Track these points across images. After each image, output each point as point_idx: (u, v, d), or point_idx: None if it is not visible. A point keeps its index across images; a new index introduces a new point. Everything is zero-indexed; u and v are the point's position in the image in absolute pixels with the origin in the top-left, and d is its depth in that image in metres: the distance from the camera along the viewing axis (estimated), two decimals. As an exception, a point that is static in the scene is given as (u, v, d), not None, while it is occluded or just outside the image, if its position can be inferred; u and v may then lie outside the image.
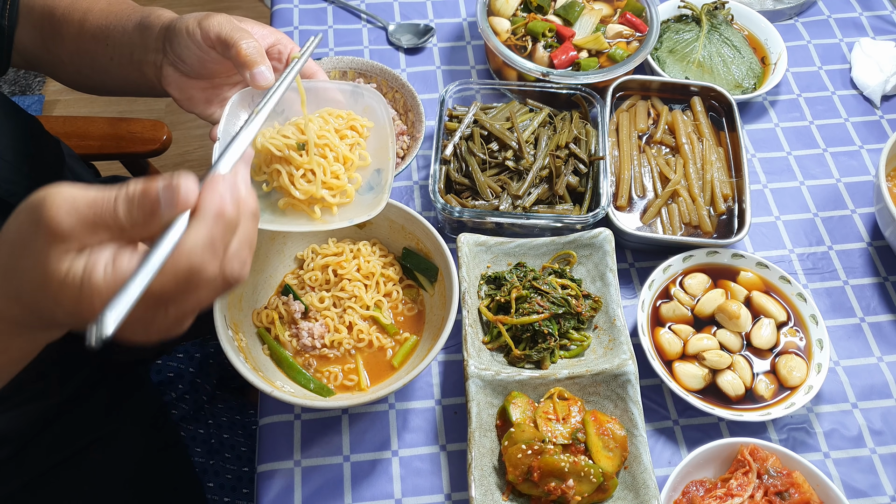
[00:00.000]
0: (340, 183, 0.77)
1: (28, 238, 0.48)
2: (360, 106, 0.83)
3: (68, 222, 0.46)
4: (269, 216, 0.78)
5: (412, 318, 0.91)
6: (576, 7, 1.15)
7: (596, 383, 0.84)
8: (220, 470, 1.08)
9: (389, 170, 0.79)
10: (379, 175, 0.80)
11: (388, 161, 0.80)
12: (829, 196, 1.09)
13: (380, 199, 0.77)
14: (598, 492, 0.77)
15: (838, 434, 0.88)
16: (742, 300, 0.93)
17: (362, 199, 0.79)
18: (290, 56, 0.81)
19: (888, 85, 1.17)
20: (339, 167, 0.77)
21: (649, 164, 1.04)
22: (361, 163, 0.80)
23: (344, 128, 0.79)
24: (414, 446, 0.86)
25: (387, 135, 0.81)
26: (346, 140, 0.79)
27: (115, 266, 0.47)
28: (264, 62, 0.74)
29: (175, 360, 1.16)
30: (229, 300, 0.84)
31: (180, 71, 0.80)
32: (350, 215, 0.78)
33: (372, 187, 0.80)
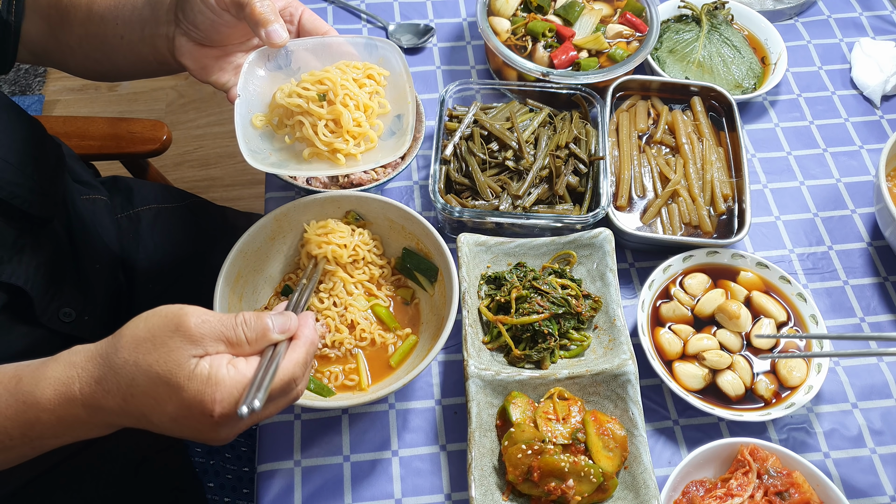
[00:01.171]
0: (363, 130, 0.79)
1: (163, 337, 0.59)
2: (375, 58, 0.84)
3: (201, 331, 0.59)
4: (294, 164, 0.80)
5: (410, 317, 0.91)
6: (576, 7, 1.15)
7: (596, 383, 0.84)
8: (221, 470, 1.08)
9: (410, 112, 0.81)
10: (399, 120, 0.83)
11: (407, 105, 0.82)
12: (829, 196, 1.09)
13: (402, 141, 0.80)
14: (598, 492, 0.77)
15: (838, 434, 0.88)
16: (742, 300, 0.93)
17: (385, 144, 0.82)
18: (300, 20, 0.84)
19: (888, 85, 1.17)
20: (361, 115, 0.79)
21: (649, 164, 1.04)
22: (381, 110, 0.82)
23: (362, 77, 0.81)
24: (414, 446, 0.86)
25: (404, 81, 0.83)
26: (365, 89, 0.80)
27: (235, 368, 0.60)
28: (278, 20, 0.76)
29: None
30: (229, 300, 0.84)
31: (193, 40, 0.81)
32: (374, 159, 0.80)
33: (394, 132, 0.83)
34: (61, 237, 0.93)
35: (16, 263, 0.82)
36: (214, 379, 0.58)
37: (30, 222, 0.86)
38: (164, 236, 1.16)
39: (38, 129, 0.94)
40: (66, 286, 0.91)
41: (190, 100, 2.46)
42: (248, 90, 0.81)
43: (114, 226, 1.11)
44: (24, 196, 0.83)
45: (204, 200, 1.29)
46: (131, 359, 0.59)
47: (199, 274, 0.96)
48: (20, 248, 0.83)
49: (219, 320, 0.61)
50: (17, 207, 0.82)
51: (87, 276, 0.97)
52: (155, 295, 1.12)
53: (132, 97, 2.47)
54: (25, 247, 0.84)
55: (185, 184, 2.27)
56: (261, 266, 0.90)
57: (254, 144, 0.81)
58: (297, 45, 0.83)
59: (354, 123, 0.79)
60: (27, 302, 0.85)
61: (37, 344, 0.90)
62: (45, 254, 0.88)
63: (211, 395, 0.58)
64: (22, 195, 0.82)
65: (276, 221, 0.89)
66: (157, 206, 1.18)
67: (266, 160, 0.80)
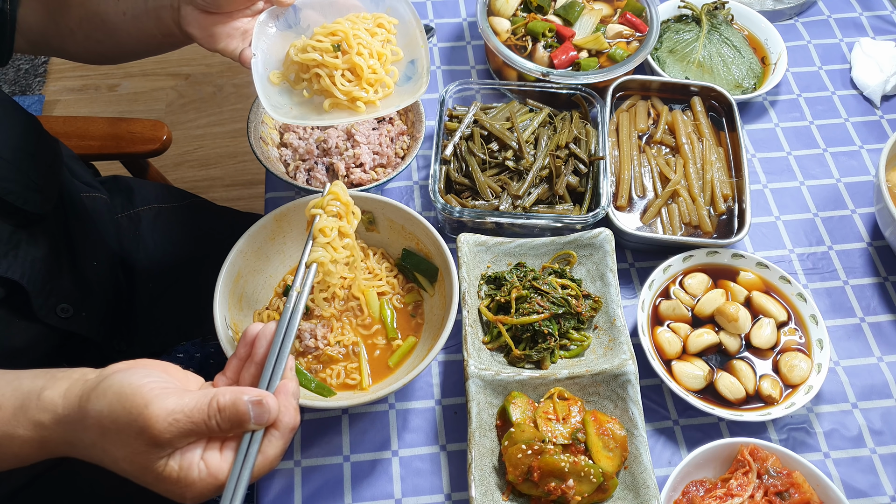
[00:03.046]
0: (379, 76, 0.81)
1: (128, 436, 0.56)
2: (382, 8, 0.86)
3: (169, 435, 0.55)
4: (316, 116, 0.81)
5: (411, 320, 0.91)
6: (576, 7, 1.15)
7: (596, 383, 0.84)
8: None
9: (423, 56, 0.83)
10: (414, 65, 0.84)
11: (420, 49, 0.84)
12: (829, 196, 1.09)
13: (419, 85, 0.81)
14: (598, 492, 0.77)
15: (838, 434, 0.88)
16: (742, 300, 0.93)
17: (401, 88, 0.83)
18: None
19: (888, 85, 1.17)
20: (375, 62, 0.80)
21: (649, 164, 1.04)
22: (394, 57, 0.83)
23: (373, 27, 0.82)
24: (414, 446, 0.86)
25: (413, 27, 0.84)
26: (377, 37, 0.82)
27: (207, 465, 0.57)
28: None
29: (175, 360, 1.16)
30: (229, 301, 0.84)
31: (199, 7, 0.80)
32: (393, 104, 0.82)
33: (409, 77, 0.84)
34: (58, 234, 0.93)
35: (12, 258, 0.83)
36: (185, 481, 0.56)
37: (25, 218, 0.86)
38: (165, 236, 1.16)
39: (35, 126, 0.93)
40: (63, 282, 0.91)
41: (190, 100, 2.46)
42: (261, 49, 0.82)
43: (113, 225, 1.11)
44: (18, 192, 0.83)
45: (204, 200, 1.29)
46: (99, 444, 0.58)
47: (199, 274, 0.96)
48: (16, 243, 0.84)
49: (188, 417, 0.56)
50: (12, 203, 0.82)
51: (84, 274, 0.97)
52: (155, 295, 1.12)
53: (132, 97, 2.47)
54: (21, 242, 0.84)
55: (185, 184, 2.27)
56: (261, 266, 0.90)
57: (274, 100, 0.82)
58: (305, 4, 0.84)
59: (370, 70, 0.80)
60: (24, 297, 0.85)
61: (36, 339, 0.90)
62: (42, 249, 0.88)
63: (181, 494, 0.57)
64: (16, 191, 0.82)
65: (276, 221, 0.89)
66: (158, 205, 1.18)
67: (288, 114, 0.81)
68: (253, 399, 0.58)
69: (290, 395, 0.62)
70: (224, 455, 0.58)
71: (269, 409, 0.58)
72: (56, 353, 0.96)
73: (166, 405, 0.55)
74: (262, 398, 0.58)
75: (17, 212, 0.84)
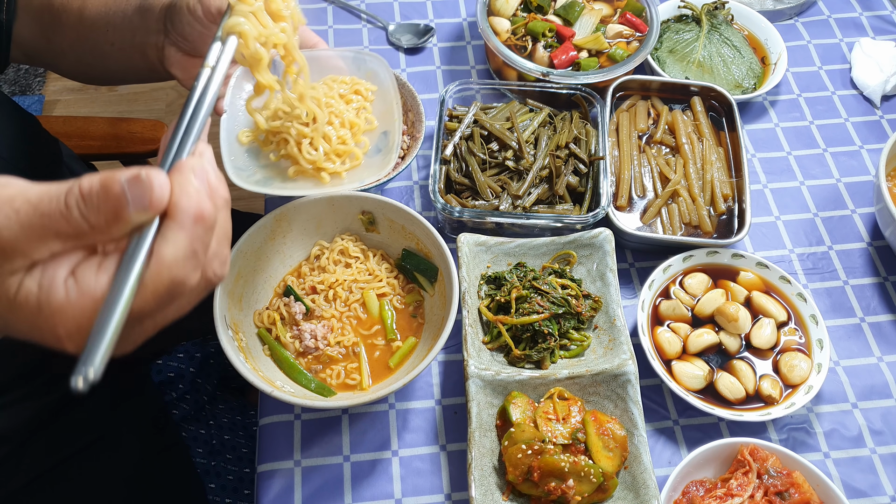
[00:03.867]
0: (348, 148, 0.78)
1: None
2: (363, 71, 0.83)
3: (9, 232, 0.39)
4: (279, 183, 0.78)
5: (412, 321, 0.91)
6: (576, 7, 1.15)
7: (596, 383, 0.84)
8: (222, 471, 1.08)
9: (396, 131, 0.80)
10: (386, 137, 0.81)
11: (394, 122, 0.80)
12: (829, 196, 1.09)
13: (388, 160, 0.78)
14: (598, 492, 0.77)
15: (838, 434, 0.88)
16: (742, 300, 0.93)
17: (371, 161, 0.80)
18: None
19: (888, 85, 1.17)
20: (346, 132, 0.78)
21: (649, 164, 1.04)
22: (368, 126, 0.81)
23: (349, 93, 0.80)
24: (414, 446, 0.86)
25: (391, 97, 0.81)
26: (352, 104, 0.79)
27: (78, 284, 0.41)
28: None
29: (175, 359, 1.16)
30: (229, 301, 0.84)
31: (182, 50, 0.80)
32: (359, 177, 0.79)
33: (380, 149, 0.81)
34: None
35: None
36: (49, 307, 0.40)
37: None
38: None
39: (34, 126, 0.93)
40: None
41: (190, 100, 2.46)
42: (235, 105, 0.79)
43: None
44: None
45: None
46: None
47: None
48: None
49: (35, 208, 0.39)
50: None
51: None
52: None
53: (132, 97, 2.47)
54: None
55: (185, 184, 2.26)
56: (261, 266, 0.90)
57: (239, 161, 0.79)
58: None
59: (339, 141, 0.77)
60: None
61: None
62: None
63: (51, 330, 0.41)
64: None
65: (276, 221, 0.89)
66: None
67: (251, 178, 0.78)
68: (129, 176, 0.41)
69: (189, 171, 0.44)
70: (103, 268, 0.42)
71: (153, 185, 0.41)
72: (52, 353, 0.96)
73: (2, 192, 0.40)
74: (141, 172, 0.41)
75: None
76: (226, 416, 1.16)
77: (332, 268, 0.92)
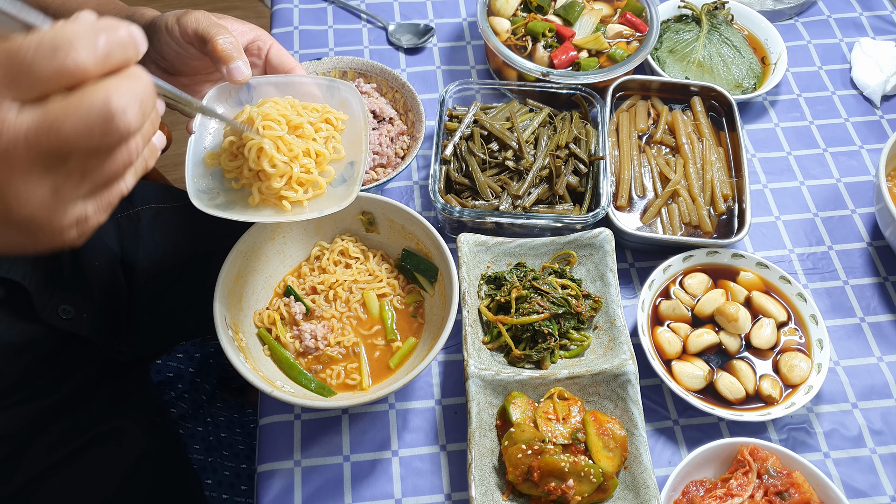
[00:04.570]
0: (311, 177, 0.77)
1: None
2: (337, 100, 0.83)
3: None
4: (240, 209, 0.78)
5: (412, 321, 0.91)
6: (576, 7, 1.15)
7: (596, 383, 0.84)
8: (219, 467, 1.08)
9: (362, 162, 0.80)
10: (352, 167, 0.81)
11: (360, 153, 0.80)
12: (829, 196, 1.09)
13: (350, 191, 0.78)
14: (598, 492, 0.77)
15: (838, 434, 0.88)
16: (742, 300, 0.93)
17: (335, 190, 0.80)
18: (268, 55, 0.82)
19: (888, 85, 1.17)
20: (310, 161, 0.77)
21: (649, 164, 1.04)
22: (335, 156, 0.80)
23: (319, 121, 0.79)
24: (414, 446, 0.86)
25: (361, 128, 0.81)
26: (321, 133, 0.79)
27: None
28: (241, 57, 0.74)
29: (175, 359, 1.16)
30: (229, 301, 0.84)
31: (162, 68, 0.81)
32: (320, 207, 0.78)
33: (345, 179, 0.81)
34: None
35: (13, 258, 0.82)
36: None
37: None
38: (164, 236, 1.16)
39: None
40: (64, 283, 0.91)
41: (190, 100, 2.46)
42: (204, 126, 0.79)
43: (113, 225, 1.11)
44: None
45: None
46: None
47: (200, 274, 0.96)
48: None
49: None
50: None
51: (86, 274, 0.97)
52: (155, 295, 1.12)
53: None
54: None
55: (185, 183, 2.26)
56: (261, 266, 0.90)
57: (202, 183, 0.78)
58: (261, 82, 0.81)
59: (303, 170, 0.77)
60: (26, 298, 0.85)
61: (36, 339, 0.90)
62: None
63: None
64: None
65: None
66: (157, 205, 1.18)
67: (213, 200, 0.77)
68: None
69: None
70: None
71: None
72: (55, 353, 0.96)
73: None
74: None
75: None
76: (223, 415, 1.16)
77: (332, 268, 0.92)
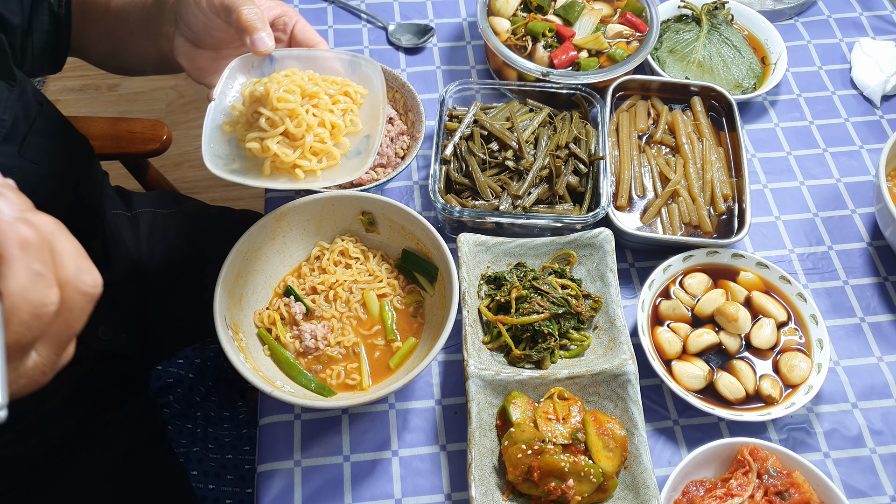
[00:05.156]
0: (325, 147, 0.78)
1: None
2: (358, 75, 0.84)
3: None
4: (254, 175, 0.79)
5: (412, 321, 0.91)
6: (576, 7, 1.15)
7: (596, 383, 0.84)
8: (203, 458, 1.08)
9: (377, 135, 0.81)
10: (368, 141, 0.82)
11: (377, 127, 0.81)
12: (829, 196, 1.09)
13: (364, 162, 0.79)
14: (598, 492, 0.77)
15: (838, 434, 0.88)
16: (742, 300, 0.93)
17: (349, 162, 0.81)
18: (293, 30, 0.83)
19: (888, 85, 1.17)
20: (325, 132, 0.79)
21: (649, 164, 1.04)
22: (352, 129, 0.81)
23: (338, 94, 0.80)
24: (414, 446, 0.86)
25: (379, 103, 0.82)
26: (339, 105, 0.80)
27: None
28: (265, 28, 0.75)
29: (175, 365, 1.16)
30: (229, 301, 0.84)
31: (189, 41, 0.82)
32: (333, 176, 0.79)
33: (360, 152, 0.82)
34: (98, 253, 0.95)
35: None
36: None
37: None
38: (162, 240, 1.16)
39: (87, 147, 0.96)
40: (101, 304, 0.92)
41: (190, 100, 2.46)
42: (225, 95, 0.80)
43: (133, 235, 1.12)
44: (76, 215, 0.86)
45: (201, 203, 1.30)
46: None
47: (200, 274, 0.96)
48: None
49: None
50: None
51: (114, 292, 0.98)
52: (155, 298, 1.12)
53: (132, 97, 2.47)
54: None
55: (186, 184, 2.27)
56: (261, 266, 0.90)
57: (218, 149, 0.80)
58: (283, 55, 0.82)
59: (317, 139, 0.78)
60: None
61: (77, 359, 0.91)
62: None
63: None
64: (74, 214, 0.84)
65: (277, 221, 0.90)
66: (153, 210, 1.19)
67: (228, 166, 0.79)
68: None
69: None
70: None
71: None
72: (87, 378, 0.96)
73: None
74: None
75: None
76: (213, 411, 1.16)
77: (332, 268, 0.92)
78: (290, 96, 0.76)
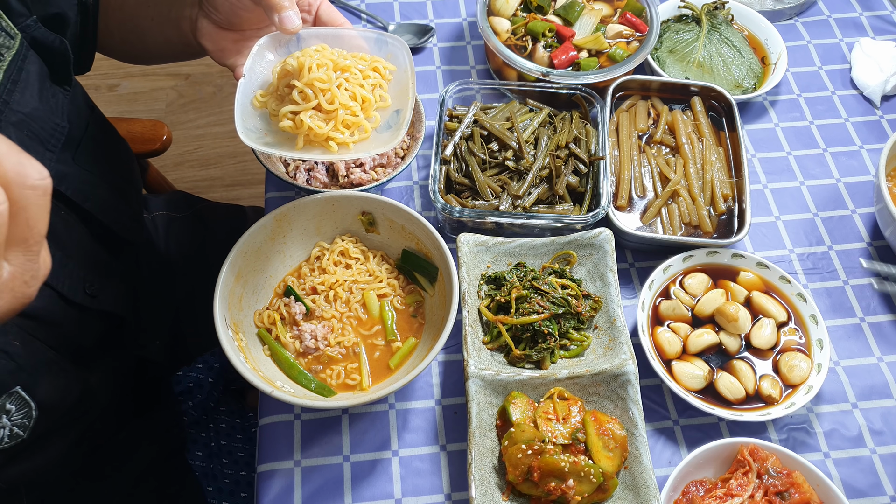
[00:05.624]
0: (357, 120, 0.80)
1: None
2: (384, 53, 0.86)
3: None
4: (288, 147, 0.80)
5: (412, 321, 0.91)
6: (576, 7, 1.15)
7: (596, 383, 0.84)
8: (219, 474, 1.08)
9: (408, 108, 0.82)
10: (398, 115, 0.83)
11: (407, 101, 0.83)
12: (829, 196, 1.09)
13: (396, 135, 0.80)
14: (598, 492, 0.77)
15: (838, 434, 0.88)
16: (742, 300, 0.93)
17: (380, 136, 0.82)
18: (318, 11, 0.85)
19: (888, 85, 1.17)
20: (356, 105, 0.80)
21: (649, 164, 1.04)
22: (382, 103, 0.82)
23: (367, 69, 0.82)
24: (414, 446, 0.86)
25: (408, 78, 0.84)
26: (369, 80, 0.81)
27: None
28: (292, 7, 0.76)
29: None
30: (229, 301, 0.84)
31: (214, 22, 0.82)
32: (366, 149, 0.81)
33: (390, 126, 0.83)
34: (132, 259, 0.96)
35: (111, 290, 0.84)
36: None
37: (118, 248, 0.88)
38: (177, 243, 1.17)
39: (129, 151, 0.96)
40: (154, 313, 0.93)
41: (190, 100, 2.46)
42: (254, 71, 0.82)
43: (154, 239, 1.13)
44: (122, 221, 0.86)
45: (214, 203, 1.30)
46: None
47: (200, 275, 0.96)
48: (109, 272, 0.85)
49: None
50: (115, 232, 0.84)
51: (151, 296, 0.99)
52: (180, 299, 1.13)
53: (132, 97, 2.47)
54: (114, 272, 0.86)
55: (186, 184, 2.27)
56: (261, 266, 0.90)
57: (250, 123, 0.81)
58: (310, 34, 0.84)
59: (349, 113, 0.79)
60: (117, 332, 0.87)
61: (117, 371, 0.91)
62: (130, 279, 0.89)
63: None
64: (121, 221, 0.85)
65: (276, 221, 0.90)
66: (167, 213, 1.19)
67: (261, 139, 0.80)
68: None
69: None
70: None
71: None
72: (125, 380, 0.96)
73: None
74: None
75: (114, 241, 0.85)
76: (225, 420, 1.16)
77: (332, 269, 0.92)
78: (322, 71, 0.78)
